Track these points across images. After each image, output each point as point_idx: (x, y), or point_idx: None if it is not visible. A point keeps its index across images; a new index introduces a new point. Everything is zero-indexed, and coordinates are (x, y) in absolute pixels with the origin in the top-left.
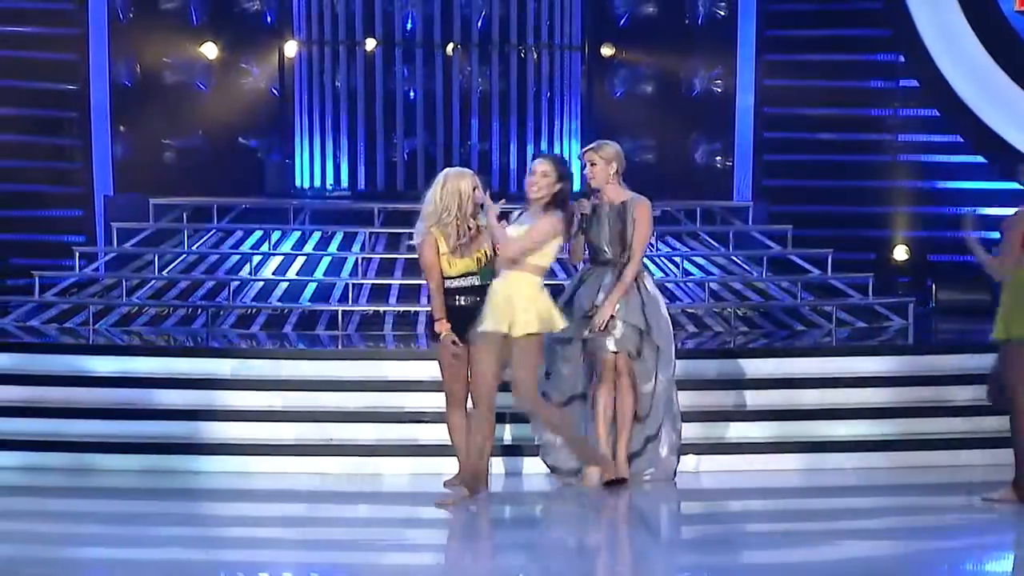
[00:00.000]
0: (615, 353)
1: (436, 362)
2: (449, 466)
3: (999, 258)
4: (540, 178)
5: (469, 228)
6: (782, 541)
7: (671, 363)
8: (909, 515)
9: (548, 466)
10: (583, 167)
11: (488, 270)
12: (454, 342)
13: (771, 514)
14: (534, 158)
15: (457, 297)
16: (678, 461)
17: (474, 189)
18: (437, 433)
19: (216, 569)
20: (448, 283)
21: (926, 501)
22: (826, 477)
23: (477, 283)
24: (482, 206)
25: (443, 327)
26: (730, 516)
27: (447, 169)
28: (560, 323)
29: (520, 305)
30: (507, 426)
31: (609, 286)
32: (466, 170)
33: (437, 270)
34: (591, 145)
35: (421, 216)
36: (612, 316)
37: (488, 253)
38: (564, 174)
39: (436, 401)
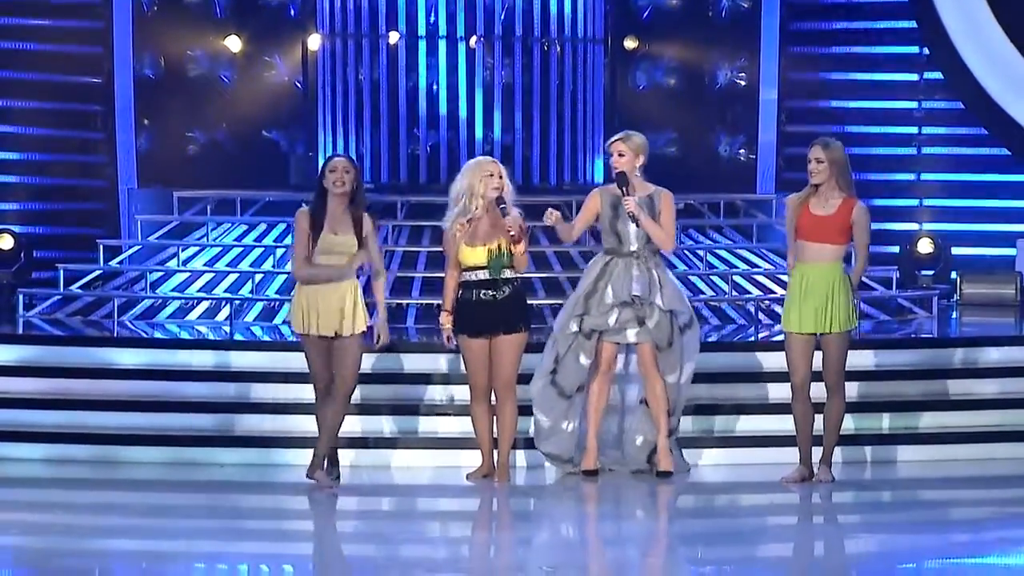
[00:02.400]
0: (634, 344)
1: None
2: (469, 459)
3: None
4: (618, 157)
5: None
6: (799, 533)
7: (696, 353)
8: (940, 508)
9: (544, 454)
10: (608, 157)
11: (498, 264)
12: (448, 338)
13: (791, 508)
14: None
15: (474, 290)
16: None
17: (499, 176)
18: (458, 426)
19: (239, 561)
20: (465, 275)
21: (957, 494)
22: (853, 471)
23: (485, 277)
24: (500, 204)
25: (444, 319)
26: (750, 510)
27: (473, 159)
28: None
29: None
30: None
31: (641, 277)
32: (485, 159)
33: (452, 260)
34: (619, 135)
35: (449, 206)
36: (651, 303)
37: (502, 247)
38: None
39: (456, 394)
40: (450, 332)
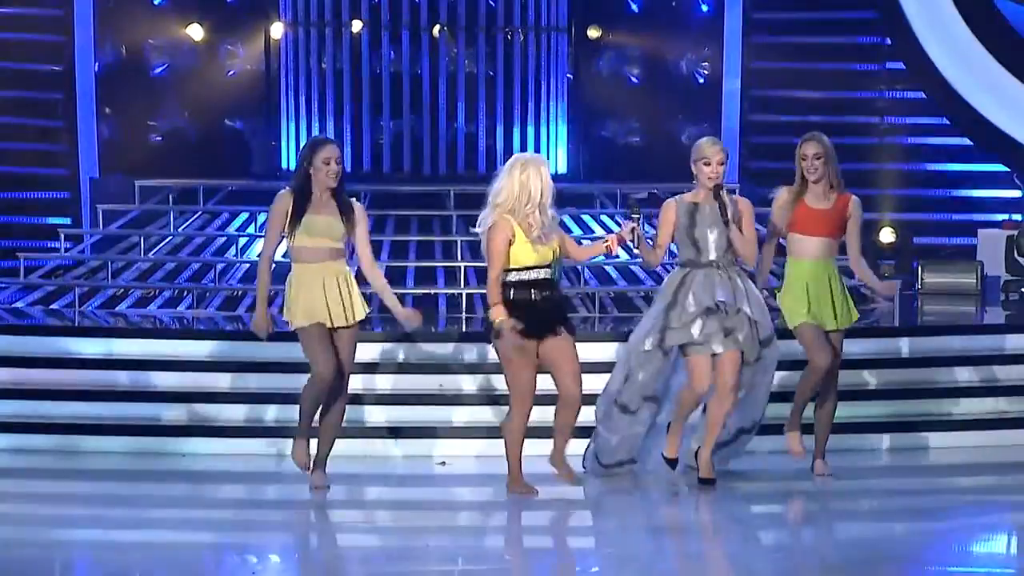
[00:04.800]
0: (717, 354)
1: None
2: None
3: None
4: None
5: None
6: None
7: (774, 369)
8: (910, 496)
9: (604, 467)
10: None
11: (559, 265)
12: (518, 331)
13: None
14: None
15: (532, 291)
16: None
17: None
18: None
19: (201, 551)
20: (519, 275)
21: (924, 483)
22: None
23: (549, 276)
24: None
25: (499, 312)
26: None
27: (520, 155)
28: None
29: None
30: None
31: (724, 284)
32: (539, 156)
33: (502, 260)
34: (717, 143)
35: (491, 203)
36: (738, 309)
37: (559, 248)
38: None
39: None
40: (513, 323)
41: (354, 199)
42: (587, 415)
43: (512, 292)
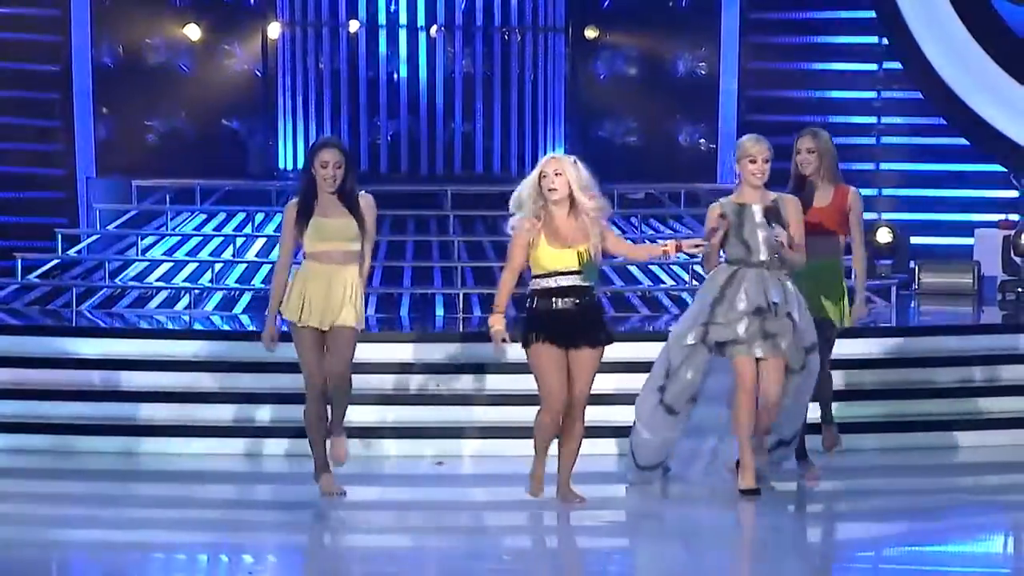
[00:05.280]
0: (761, 360)
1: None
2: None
3: None
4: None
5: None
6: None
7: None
8: (907, 496)
9: (641, 468)
10: (752, 160)
11: (593, 269)
12: (503, 339)
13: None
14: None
15: (554, 299)
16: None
17: (555, 175)
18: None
19: (196, 551)
20: (543, 282)
21: (921, 483)
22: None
23: (575, 283)
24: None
25: (495, 321)
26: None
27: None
28: None
29: None
30: None
31: (776, 286)
32: (563, 155)
33: (516, 262)
34: (764, 142)
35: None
36: (788, 313)
37: (591, 252)
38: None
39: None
40: (504, 335)
41: (362, 192)
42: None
43: (536, 300)
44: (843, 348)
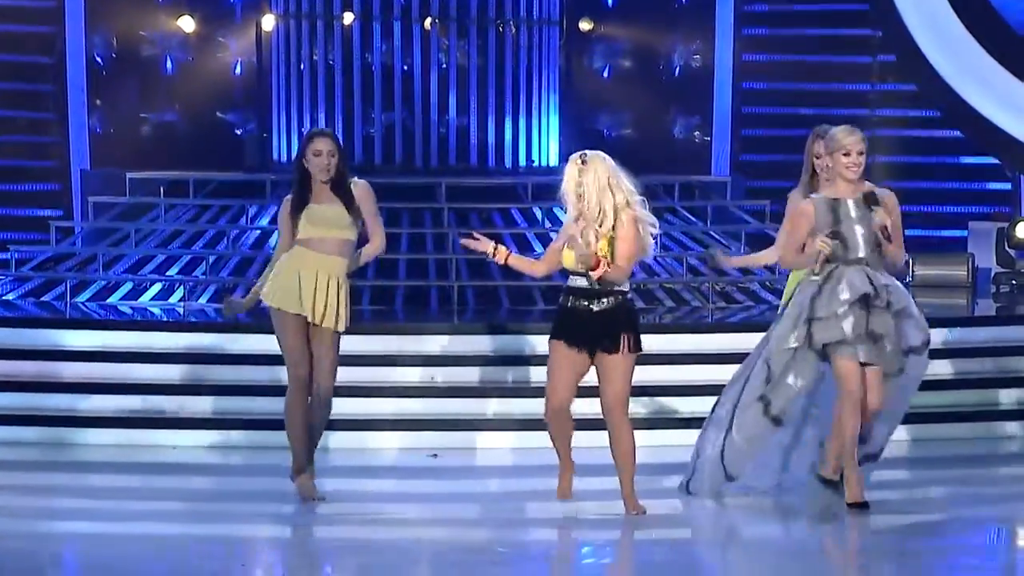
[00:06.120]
0: (866, 365)
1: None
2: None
3: None
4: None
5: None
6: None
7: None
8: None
9: (729, 476)
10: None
11: (585, 262)
12: (494, 251)
13: None
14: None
15: (571, 298)
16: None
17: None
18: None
19: (190, 543)
20: (568, 280)
21: (915, 476)
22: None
23: (584, 285)
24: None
25: (498, 253)
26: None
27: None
28: None
29: None
30: None
31: (881, 280)
32: (586, 153)
33: (548, 257)
34: (858, 132)
35: None
36: (889, 303)
37: (596, 256)
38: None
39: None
40: (505, 253)
41: (355, 178)
42: None
43: (561, 297)
44: None
